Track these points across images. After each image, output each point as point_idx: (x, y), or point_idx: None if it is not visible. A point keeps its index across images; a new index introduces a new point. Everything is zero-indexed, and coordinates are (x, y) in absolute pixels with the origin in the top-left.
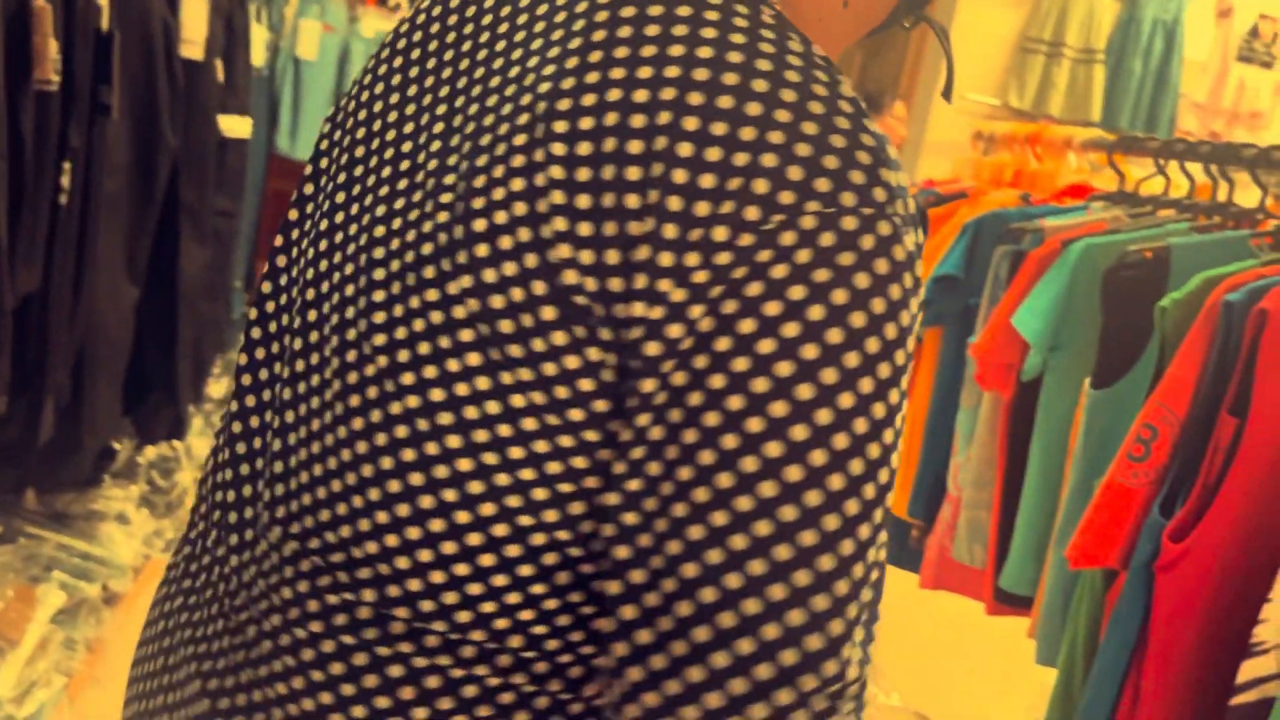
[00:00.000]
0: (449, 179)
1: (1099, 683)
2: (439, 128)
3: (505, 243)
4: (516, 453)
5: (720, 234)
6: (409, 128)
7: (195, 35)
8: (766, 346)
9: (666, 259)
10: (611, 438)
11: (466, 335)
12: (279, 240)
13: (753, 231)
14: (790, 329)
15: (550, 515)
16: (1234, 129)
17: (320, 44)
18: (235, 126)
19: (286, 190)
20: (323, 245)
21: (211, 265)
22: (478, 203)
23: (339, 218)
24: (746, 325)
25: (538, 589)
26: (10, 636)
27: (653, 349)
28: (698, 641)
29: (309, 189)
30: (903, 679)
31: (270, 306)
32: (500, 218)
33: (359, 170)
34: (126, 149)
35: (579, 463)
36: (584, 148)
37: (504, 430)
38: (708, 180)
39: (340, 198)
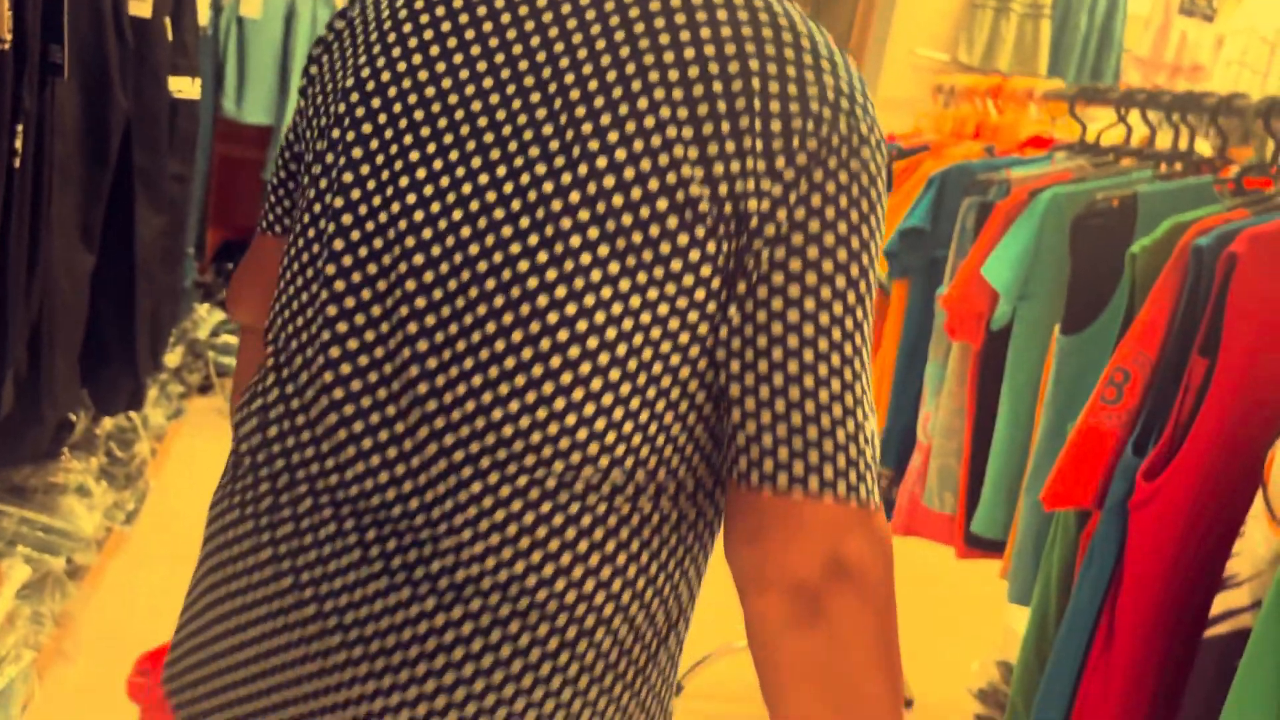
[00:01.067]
0: (547, 129)
1: (1074, 619)
2: (511, 88)
3: (629, 173)
4: (656, 332)
5: (795, 143)
6: (489, 83)
7: None
8: (830, 213)
9: (762, 166)
10: (715, 295)
11: (604, 250)
12: (347, 176)
13: (814, 138)
14: (844, 200)
15: (675, 359)
16: (1176, 81)
17: (264, 2)
18: (186, 87)
19: (234, 154)
20: (428, 190)
21: (166, 231)
22: (594, 145)
23: (437, 164)
24: (816, 199)
25: (668, 418)
26: None
27: (769, 231)
28: (806, 413)
29: (368, 129)
30: None
31: (341, 245)
32: (620, 154)
33: (442, 122)
34: (77, 111)
35: (693, 317)
36: (678, 93)
37: (645, 318)
38: (775, 107)
39: (431, 148)
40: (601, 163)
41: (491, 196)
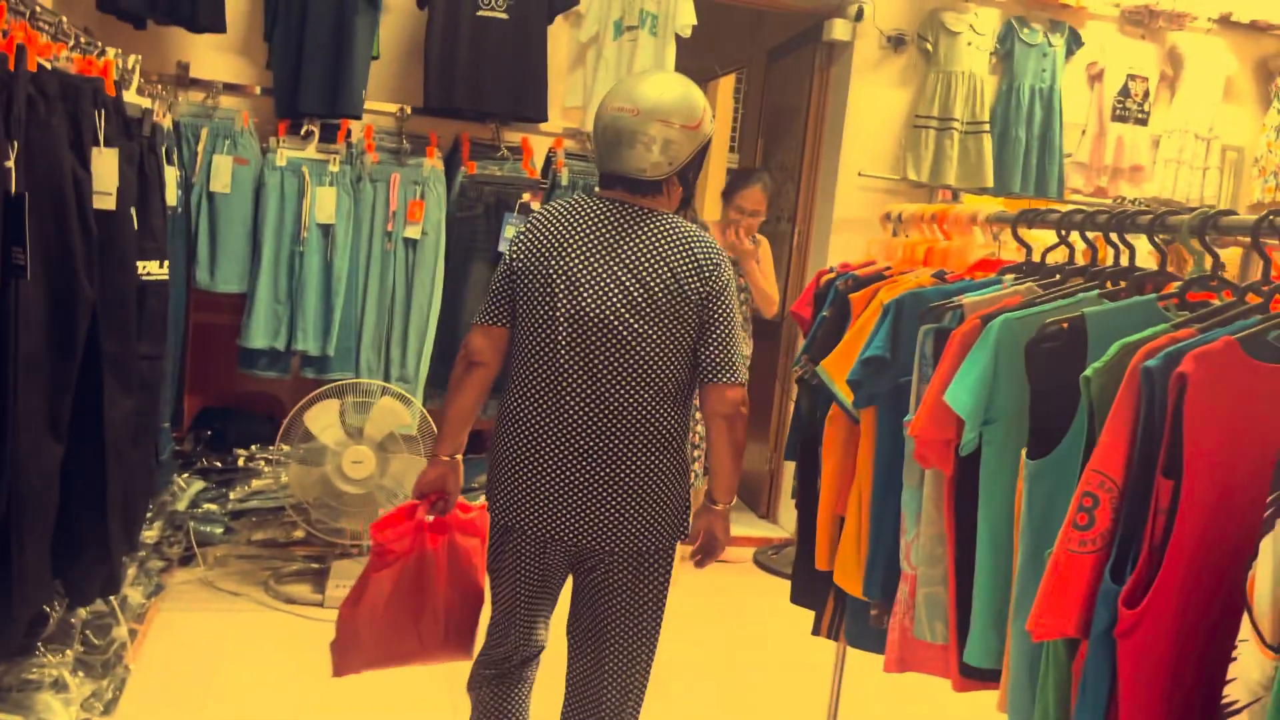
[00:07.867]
0: (631, 278)
1: None
2: (615, 264)
3: (673, 292)
4: (679, 340)
5: (706, 271)
6: (606, 259)
7: (107, 186)
8: (719, 287)
9: (703, 278)
10: (696, 322)
11: (666, 318)
12: (562, 292)
13: (710, 268)
14: (723, 283)
15: (685, 347)
16: (1118, 183)
17: (234, 177)
18: (154, 270)
19: (209, 323)
20: (595, 297)
21: (138, 410)
22: (653, 283)
23: (597, 286)
24: (717, 284)
25: (681, 367)
26: None
27: (709, 296)
28: (728, 351)
29: (566, 278)
30: None
31: (565, 316)
32: (668, 286)
33: (592, 272)
34: (43, 306)
35: (691, 332)
36: (683, 265)
37: (677, 335)
38: (703, 260)
39: (593, 282)
40: (660, 290)
41: (622, 301)
